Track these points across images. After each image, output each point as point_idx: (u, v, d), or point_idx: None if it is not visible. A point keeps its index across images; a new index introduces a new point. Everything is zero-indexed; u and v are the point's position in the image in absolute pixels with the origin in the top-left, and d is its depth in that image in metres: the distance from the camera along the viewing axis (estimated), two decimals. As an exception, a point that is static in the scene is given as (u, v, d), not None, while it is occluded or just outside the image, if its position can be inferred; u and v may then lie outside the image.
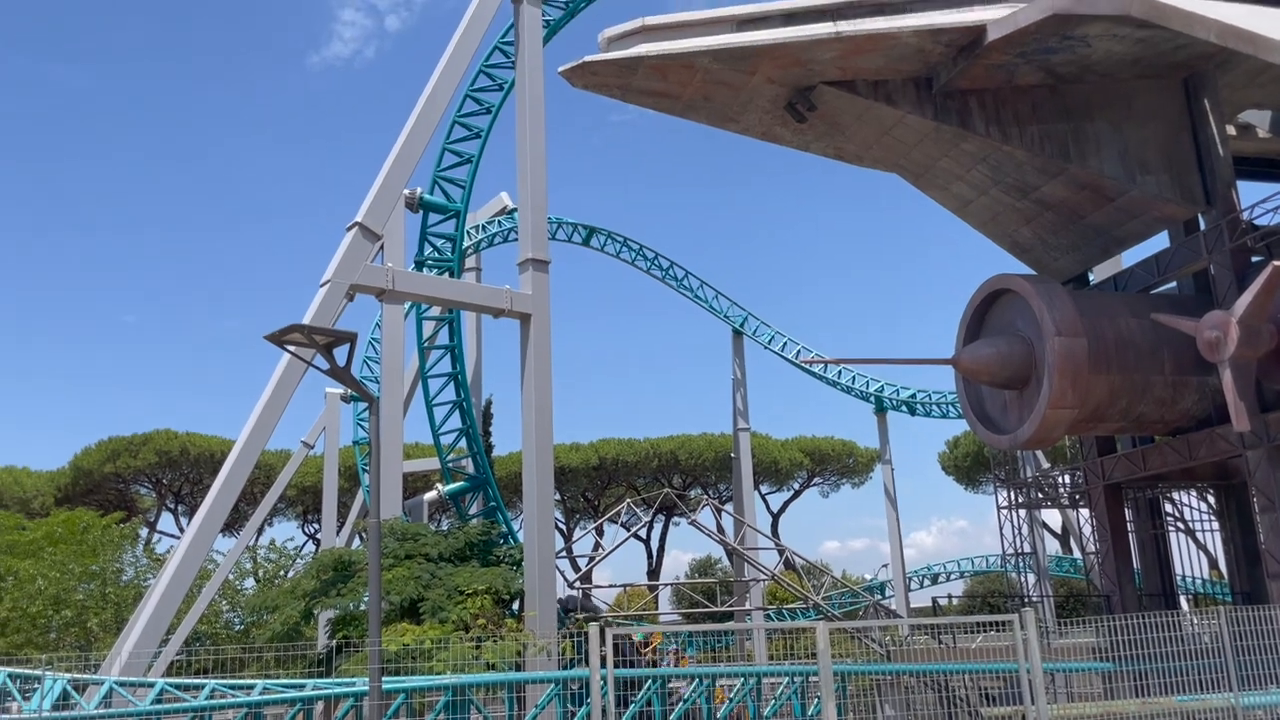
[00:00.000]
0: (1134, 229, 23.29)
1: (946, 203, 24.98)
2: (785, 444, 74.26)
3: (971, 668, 17.96)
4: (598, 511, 70.13)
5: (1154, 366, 21.46)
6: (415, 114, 24.19)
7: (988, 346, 21.90)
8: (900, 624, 26.19)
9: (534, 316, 25.34)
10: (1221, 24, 17.07)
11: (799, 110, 21.99)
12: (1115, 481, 24.60)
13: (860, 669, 19.03)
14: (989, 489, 77.68)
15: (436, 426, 29.37)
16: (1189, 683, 14.30)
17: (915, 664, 19.69)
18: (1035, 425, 21.04)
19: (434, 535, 24.81)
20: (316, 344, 10.89)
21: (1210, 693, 14.14)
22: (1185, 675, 14.44)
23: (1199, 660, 14.67)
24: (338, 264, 22.62)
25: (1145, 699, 14.40)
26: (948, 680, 21.91)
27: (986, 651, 23.58)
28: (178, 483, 61.42)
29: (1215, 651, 14.49)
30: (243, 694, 17.22)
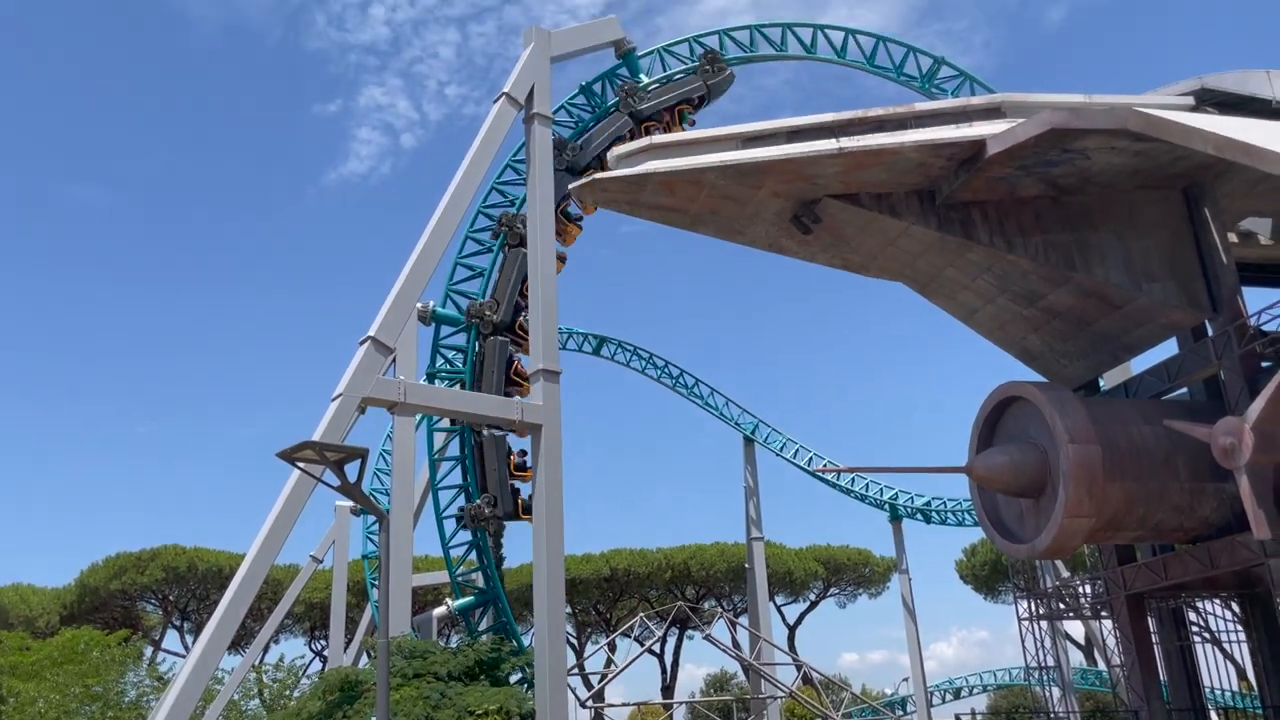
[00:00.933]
0: (1142, 336, 23.36)
1: (954, 311, 25.16)
2: (800, 553, 73.33)
3: None
4: (610, 625, 68.86)
5: (1170, 473, 21.23)
6: (428, 230, 24.69)
7: (1001, 454, 21.75)
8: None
9: (545, 427, 25.34)
10: (1219, 137, 17.44)
11: (804, 223, 22.36)
12: (1137, 591, 24.08)
13: None
14: (1009, 598, 76.05)
15: (446, 540, 29.12)
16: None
17: None
18: (1052, 534, 20.74)
19: (443, 653, 24.36)
20: (328, 460, 10.90)
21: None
22: None
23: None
24: (350, 378, 22.77)
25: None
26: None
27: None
28: (184, 599, 60.70)
29: None
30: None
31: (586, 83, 32.90)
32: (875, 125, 21.03)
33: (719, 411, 52.67)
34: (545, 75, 27.72)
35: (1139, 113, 18.95)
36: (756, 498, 51.53)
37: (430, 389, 25.63)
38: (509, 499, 28.61)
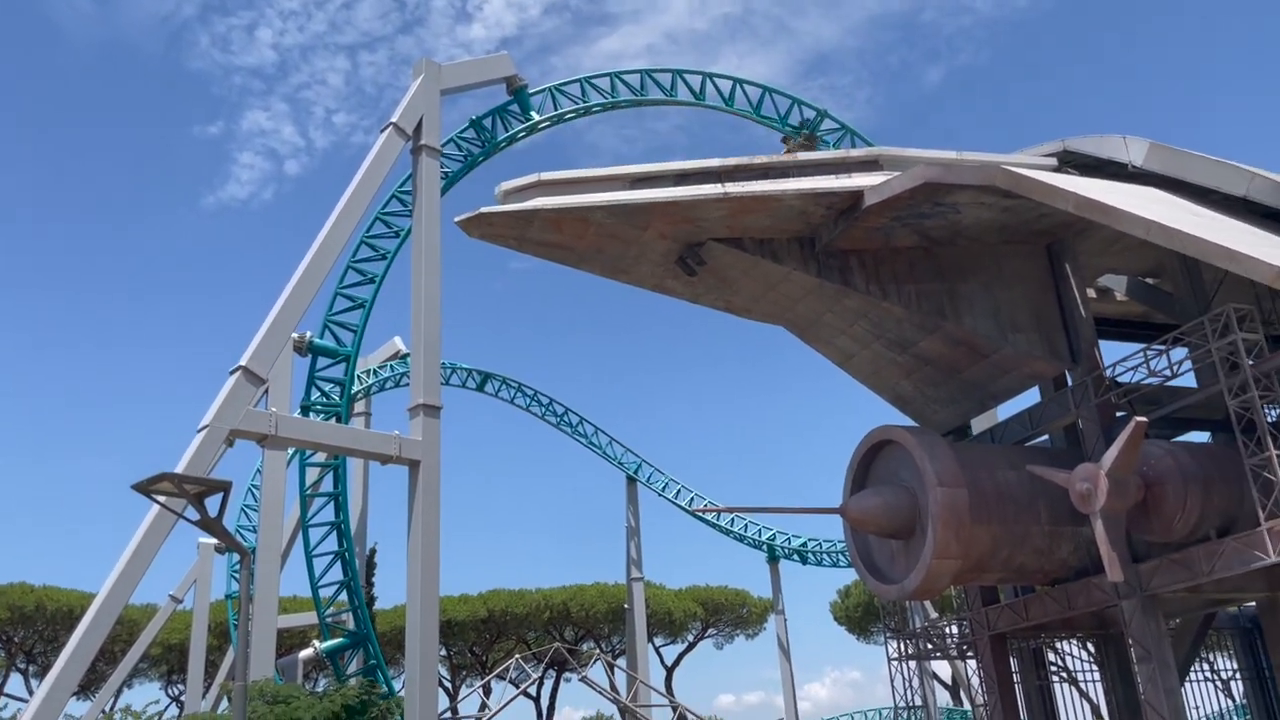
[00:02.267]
0: (1008, 384, 24.35)
1: (831, 355, 25.77)
2: (679, 594, 73.33)
3: None
4: (485, 668, 67.44)
5: (1031, 517, 22.07)
6: (307, 259, 24.05)
7: (874, 496, 22.26)
8: None
9: (424, 463, 24.82)
10: (1079, 196, 18.43)
11: (689, 264, 22.64)
12: (1000, 631, 24.89)
13: None
14: (880, 639, 77.73)
15: (316, 579, 28.15)
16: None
17: None
18: (921, 575, 21.27)
19: (307, 698, 23.36)
20: (187, 494, 10.40)
21: None
22: None
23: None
24: (218, 409, 21.89)
25: None
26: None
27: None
28: (30, 640, 56.96)
29: None
30: None
31: (477, 117, 32.77)
32: (760, 172, 21.52)
33: (602, 450, 52.63)
34: (435, 107, 27.49)
35: (1006, 170, 19.89)
36: (638, 538, 51.53)
37: (304, 422, 24.85)
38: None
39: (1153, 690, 20.26)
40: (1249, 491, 19.39)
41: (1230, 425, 19.64)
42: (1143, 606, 20.66)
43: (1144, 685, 20.56)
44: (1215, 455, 21.10)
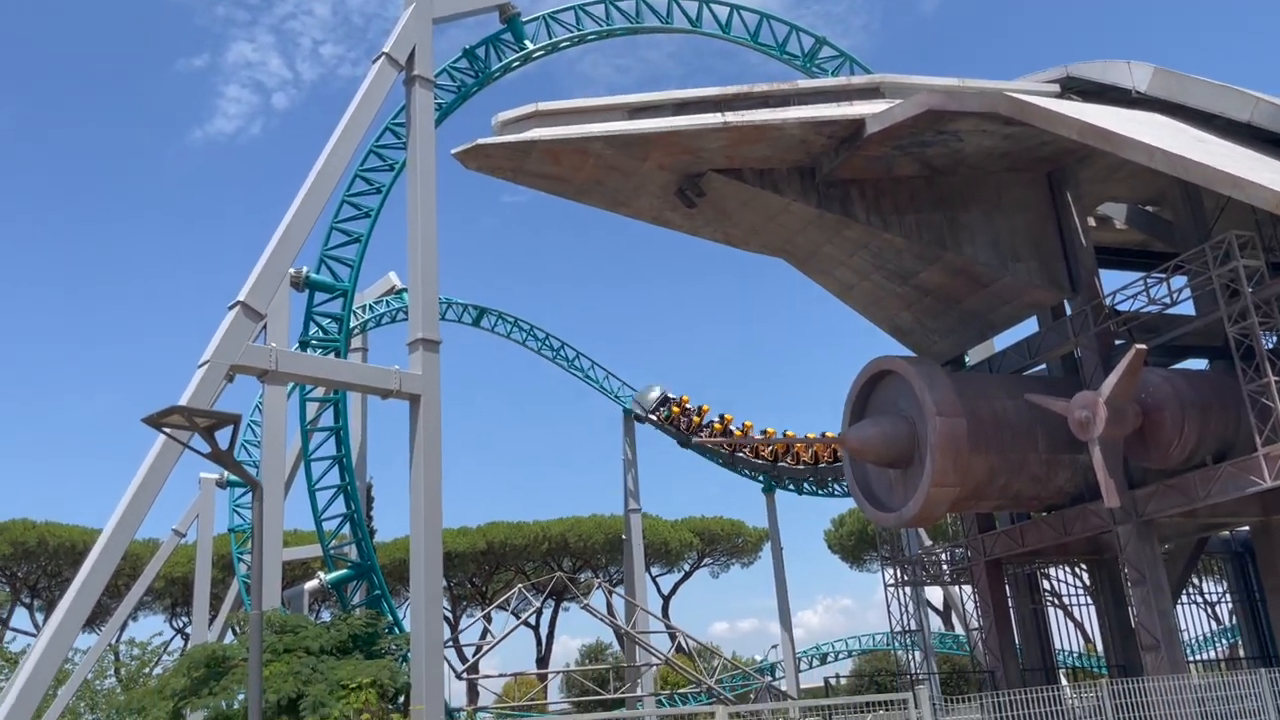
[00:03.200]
0: (1007, 314, 24.38)
1: (830, 287, 25.75)
2: (675, 525, 74.18)
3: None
4: (485, 598, 68.46)
5: (1029, 445, 22.28)
6: (303, 192, 23.78)
7: (873, 426, 22.43)
8: (795, 706, 26.01)
9: (424, 397, 24.84)
10: (1081, 122, 18.27)
11: (689, 196, 22.49)
12: (996, 558, 25.28)
13: None
14: (874, 567, 78.91)
15: (319, 512, 28.31)
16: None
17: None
18: (919, 503, 21.54)
19: (315, 627, 23.70)
20: (197, 426, 10.42)
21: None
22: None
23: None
24: (218, 344, 21.83)
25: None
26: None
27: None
28: (34, 576, 57.52)
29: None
30: (102, 805, 15.99)
31: (470, 46, 32.17)
32: (760, 101, 21.27)
33: (599, 384, 52.66)
34: (427, 36, 26.94)
35: (1009, 97, 19.69)
36: (635, 470, 51.81)
37: (303, 357, 24.78)
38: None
39: (1146, 612, 20.66)
40: (1246, 418, 19.59)
41: (1228, 352, 19.80)
42: (1138, 531, 20.98)
43: (1137, 608, 20.96)
44: (1212, 382, 21.25)
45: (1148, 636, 20.57)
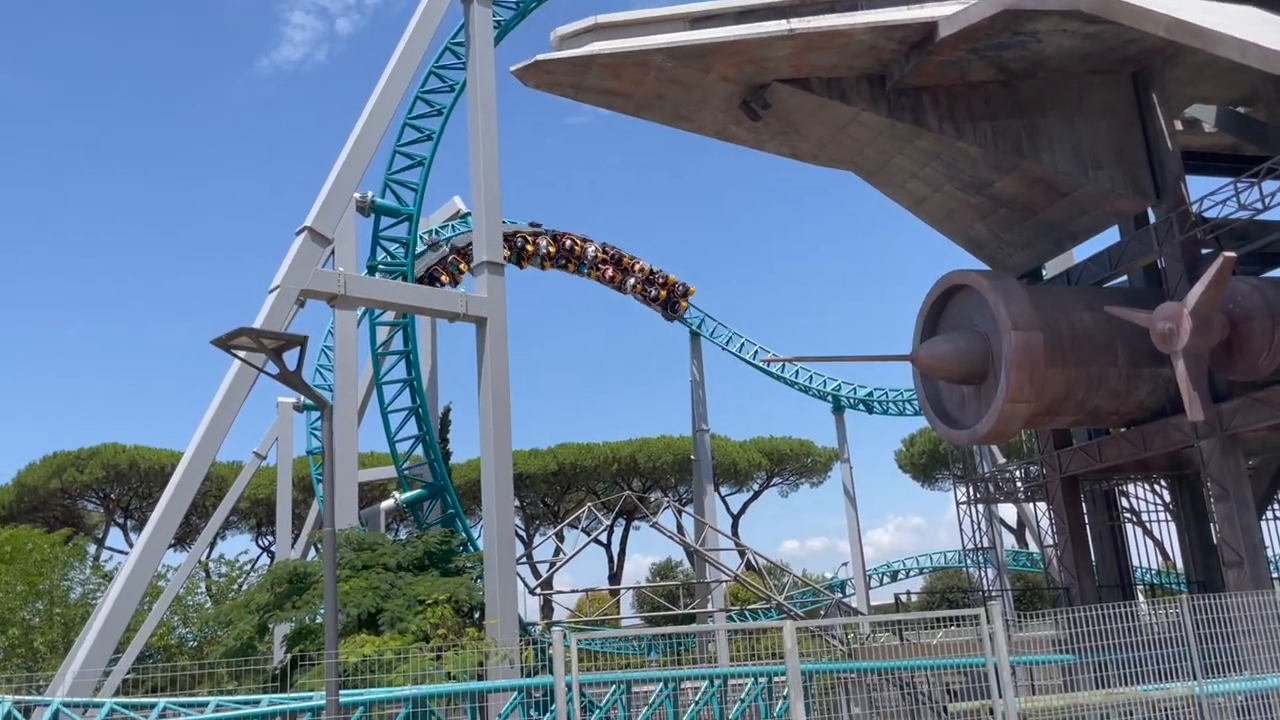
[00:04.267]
0: (1086, 224, 23.51)
1: (901, 200, 25.05)
2: (744, 445, 74.32)
3: (937, 663, 17.85)
4: (557, 517, 69.67)
5: (1108, 359, 21.63)
6: (365, 116, 23.76)
7: (945, 343, 21.94)
8: (865, 621, 26.10)
9: (490, 320, 24.99)
10: (1170, 18, 17.24)
11: (753, 108, 21.90)
12: (1072, 474, 24.80)
13: (827, 667, 18.88)
14: (945, 486, 78.46)
15: (392, 434, 28.90)
16: (1148, 672, 14.28)
17: (881, 661, 19.49)
18: (993, 420, 21.11)
19: (392, 545, 24.35)
20: (265, 348, 10.53)
21: (1171, 681, 14.16)
22: (1146, 665, 14.43)
23: (1159, 650, 14.66)
24: (287, 269, 22.12)
25: (1109, 690, 14.40)
26: (912, 677, 21.92)
27: (948, 647, 23.65)
28: (126, 497, 60.04)
29: (1175, 641, 14.49)
30: (195, 712, 16.68)
31: (527, -39, 31.51)
32: (827, 6, 20.48)
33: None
34: (484, -48, 26.47)
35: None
36: (702, 391, 51.79)
37: (371, 281, 25.05)
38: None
39: (1229, 529, 20.14)
40: (1341, 327, 18.76)
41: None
42: (1222, 446, 20.36)
43: (1220, 524, 20.44)
44: (1306, 290, 20.27)
45: (1230, 553, 20.08)
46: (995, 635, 11.64)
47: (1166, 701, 13.46)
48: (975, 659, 16.69)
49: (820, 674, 19.77)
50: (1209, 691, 13.62)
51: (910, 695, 21.64)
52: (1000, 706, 11.56)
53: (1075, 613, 15.27)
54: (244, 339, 10.36)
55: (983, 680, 16.06)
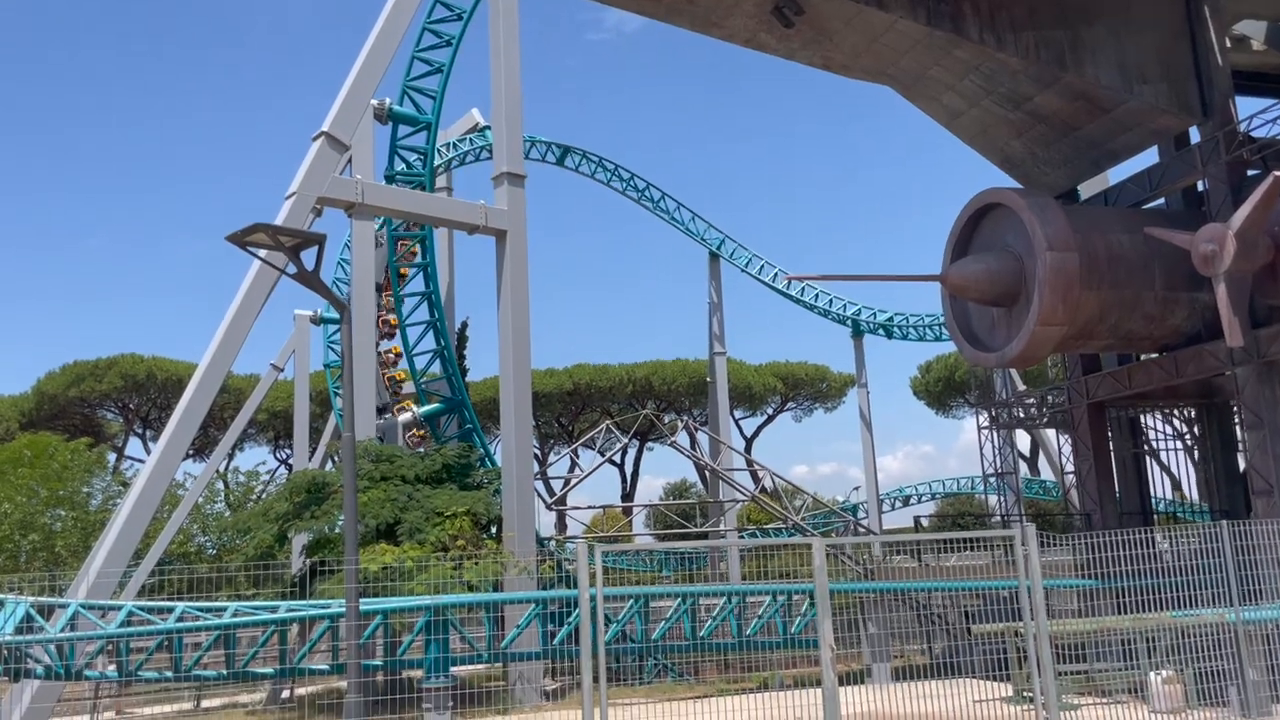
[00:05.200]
0: (1127, 142, 22.71)
1: (936, 115, 24.24)
2: (759, 369, 74.06)
3: (967, 585, 17.61)
4: (572, 437, 69.90)
5: (1145, 282, 21.03)
6: (383, 18, 23.05)
7: (977, 263, 21.37)
8: (877, 542, 25.96)
9: (510, 233, 24.55)
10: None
11: (786, 15, 21.06)
12: (1098, 400, 24.39)
13: (858, 587, 18.69)
14: (959, 413, 78.29)
15: (410, 347, 28.65)
16: (1174, 599, 13.99)
17: (912, 581, 19.24)
18: (1024, 342, 20.62)
19: (410, 457, 24.30)
20: (283, 246, 10.14)
21: (1200, 608, 13.91)
22: (1174, 591, 14.13)
23: (1186, 576, 14.34)
24: (304, 175, 21.66)
25: (1137, 615, 14.16)
26: (929, 599, 21.86)
27: (963, 570, 23.57)
28: (145, 407, 60.40)
29: (1204, 568, 14.15)
30: (214, 616, 16.74)
31: None
32: (867, -96, 19.51)
33: (685, 226, 51.63)
34: None
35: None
36: (720, 313, 51.34)
37: (390, 190, 24.52)
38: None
39: (1261, 457, 19.77)
40: (1389, 252, 18.14)
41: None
42: (1258, 373, 19.87)
43: (1251, 452, 20.07)
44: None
45: (1261, 481, 19.75)
46: (1030, 557, 11.37)
47: (1198, 627, 13.23)
48: (1003, 582, 16.52)
49: (839, 593, 19.68)
50: (1245, 619, 13.38)
51: (925, 617, 21.62)
52: (1032, 628, 11.34)
53: (1101, 538, 14.92)
54: (260, 235, 9.96)
55: (999, 604, 15.93)
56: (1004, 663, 15.57)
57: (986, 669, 16.11)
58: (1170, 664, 13.11)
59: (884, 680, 18.23)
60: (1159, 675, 13.12)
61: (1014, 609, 17.19)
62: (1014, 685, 14.20)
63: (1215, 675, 13.38)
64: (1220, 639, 13.52)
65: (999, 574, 20.10)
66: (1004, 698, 14.22)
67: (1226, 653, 13.59)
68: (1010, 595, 18.93)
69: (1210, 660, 13.40)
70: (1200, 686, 13.11)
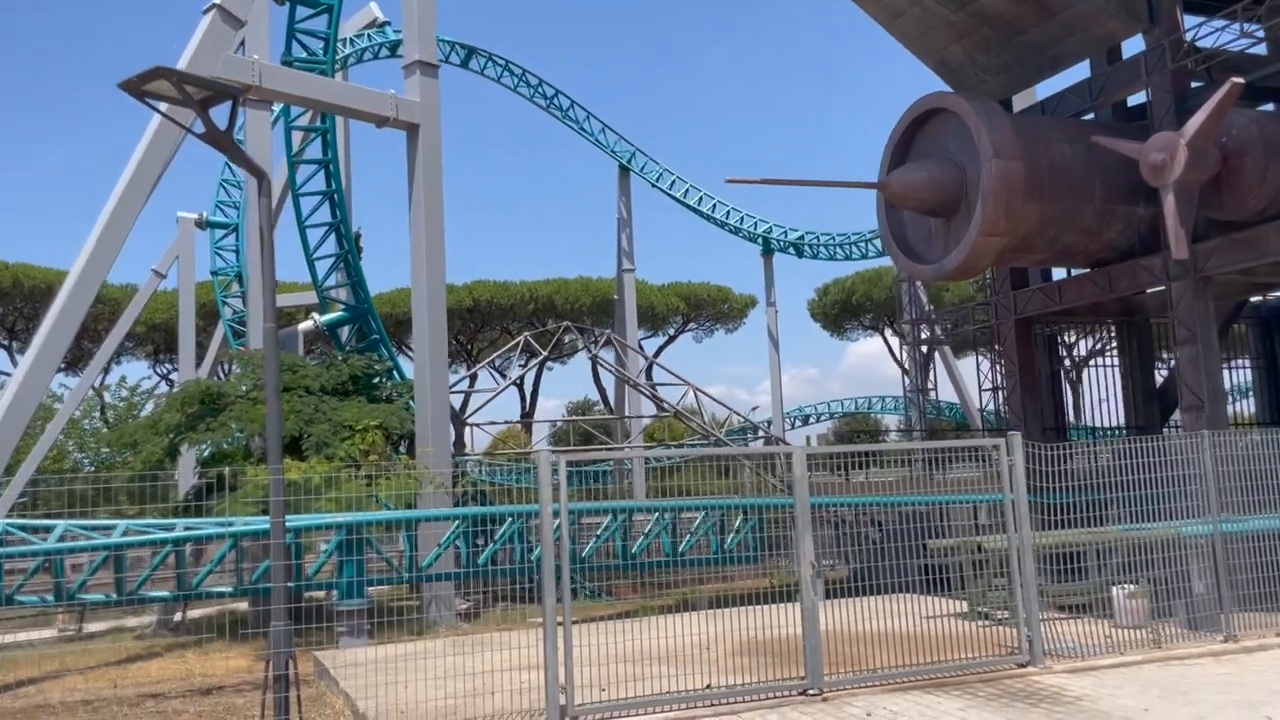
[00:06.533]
0: (1071, 48, 22.08)
1: (876, 13, 23.19)
2: (662, 289, 73.28)
3: (959, 499, 16.88)
4: (471, 356, 68.14)
5: (1084, 194, 20.59)
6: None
7: (919, 170, 20.57)
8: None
9: (423, 127, 22.76)
10: None
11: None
12: (1027, 316, 24.17)
13: (832, 501, 17.84)
14: (855, 336, 79.42)
15: (310, 250, 26.60)
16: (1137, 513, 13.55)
17: (896, 495, 18.47)
18: (964, 253, 20.01)
19: (314, 367, 22.62)
20: (190, 98, 8.47)
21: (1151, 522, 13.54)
22: (1131, 506, 13.63)
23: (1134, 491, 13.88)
24: (193, 51, 19.44)
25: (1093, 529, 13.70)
26: (851, 514, 21.39)
27: (874, 485, 23.28)
28: (10, 317, 56.14)
29: (1155, 481, 13.64)
30: (101, 535, 15.09)
31: None
32: None
33: (594, 138, 49.86)
34: None
35: None
36: (629, 230, 50.07)
37: (290, 72, 22.28)
38: None
39: (1192, 372, 19.71)
40: (1331, 166, 17.99)
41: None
42: (1194, 288, 19.71)
43: (1183, 368, 20.00)
44: (1303, 126, 19.34)
45: (1191, 396, 19.73)
46: (1015, 467, 10.72)
47: (1156, 541, 12.86)
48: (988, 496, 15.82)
49: (770, 508, 19.01)
50: (1194, 532, 13.07)
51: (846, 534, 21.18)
52: (1015, 541, 10.73)
53: (1039, 450, 14.24)
54: (162, 82, 8.27)
55: (915, 521, 15.35)
56: (942, 580, 15.09)
57: (926, 586, 15.65)
58: (1131, 579, 12.75)
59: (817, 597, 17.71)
60: (1123, 590, 12.77)
61: (930, 526, 16.82)
62: (969, 602, 13.74)
63: (1170, 592, 13.09)
64: (1172, 555, 13.16)
65: (910, 490, 20.32)
66: (957, 614, 13.75)
67: (1176, 570, 13.27)
68: (929, 511, 18.62)
69: (1164, 575, 13.09)
70: (1158, 605, 12.80)
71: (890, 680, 10.16)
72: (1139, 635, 11.86)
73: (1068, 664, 10.81)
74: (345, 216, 26.90)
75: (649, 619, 11.81)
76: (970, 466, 22.18)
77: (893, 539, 15.28)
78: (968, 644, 11.27)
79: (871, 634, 10.88)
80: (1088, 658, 11.06)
